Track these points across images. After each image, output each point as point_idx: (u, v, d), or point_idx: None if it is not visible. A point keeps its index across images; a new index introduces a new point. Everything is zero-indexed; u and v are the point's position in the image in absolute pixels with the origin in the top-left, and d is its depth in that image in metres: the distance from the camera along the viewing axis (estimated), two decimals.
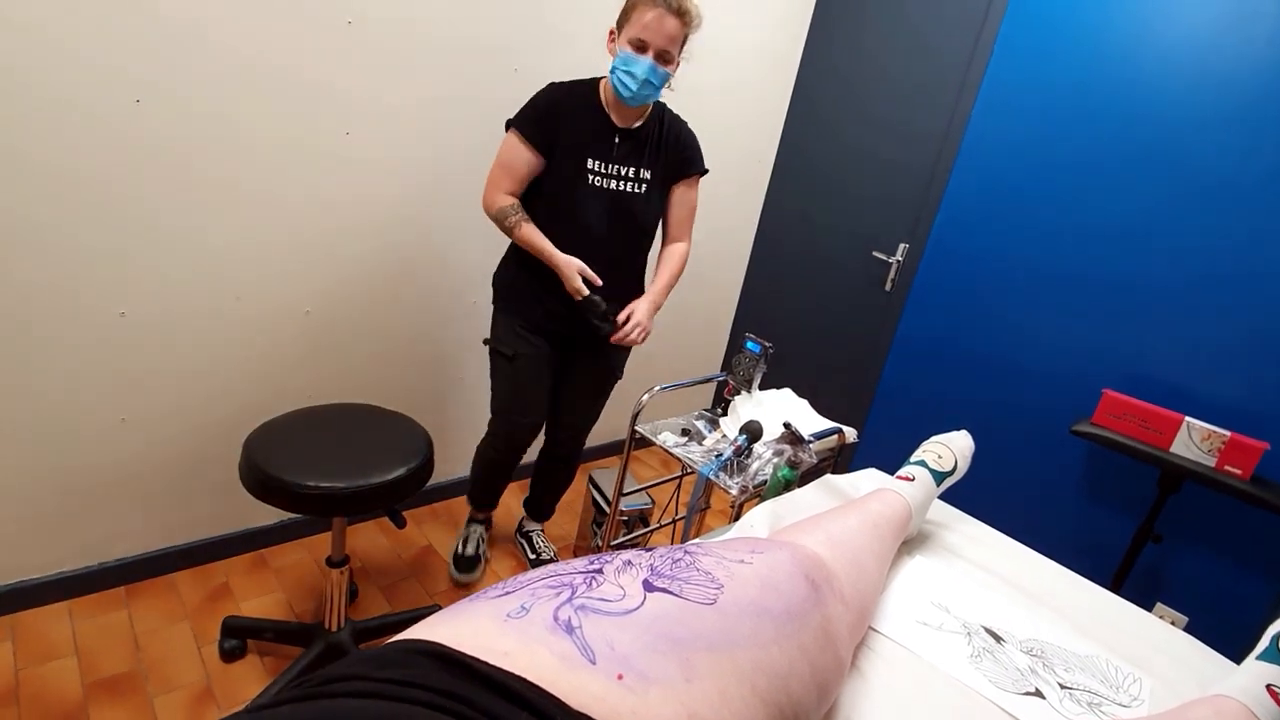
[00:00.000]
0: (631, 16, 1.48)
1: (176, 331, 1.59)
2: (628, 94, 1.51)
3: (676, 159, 1.69)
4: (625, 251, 1.71)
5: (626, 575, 0.59)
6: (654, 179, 1.66)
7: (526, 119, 1.56)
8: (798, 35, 2.68)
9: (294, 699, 0.44)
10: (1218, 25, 1.78)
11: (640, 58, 1.48)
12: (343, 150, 1.69)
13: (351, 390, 1.92)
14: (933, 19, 2.36)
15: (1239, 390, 1.79)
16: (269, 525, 1.92)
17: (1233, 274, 1.79)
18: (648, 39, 1.46)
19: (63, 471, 1.54)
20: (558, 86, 1.60)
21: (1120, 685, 0.93)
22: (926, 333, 2.40)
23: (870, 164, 2.56)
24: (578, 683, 0.46)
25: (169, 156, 1.46)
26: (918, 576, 1.08)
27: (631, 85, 1.50)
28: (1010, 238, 2.17)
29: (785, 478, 1.37)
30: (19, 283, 1.37)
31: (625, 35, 1.49)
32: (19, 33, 1.24)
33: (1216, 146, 1.80)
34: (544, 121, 1.56)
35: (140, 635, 1.58)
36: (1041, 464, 2.15)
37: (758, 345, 1.66)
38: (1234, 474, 1.65)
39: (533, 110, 1.57)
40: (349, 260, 1.81)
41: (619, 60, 1.51)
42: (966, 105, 2.25)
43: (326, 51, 1.59)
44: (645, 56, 1.48)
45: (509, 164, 1.59)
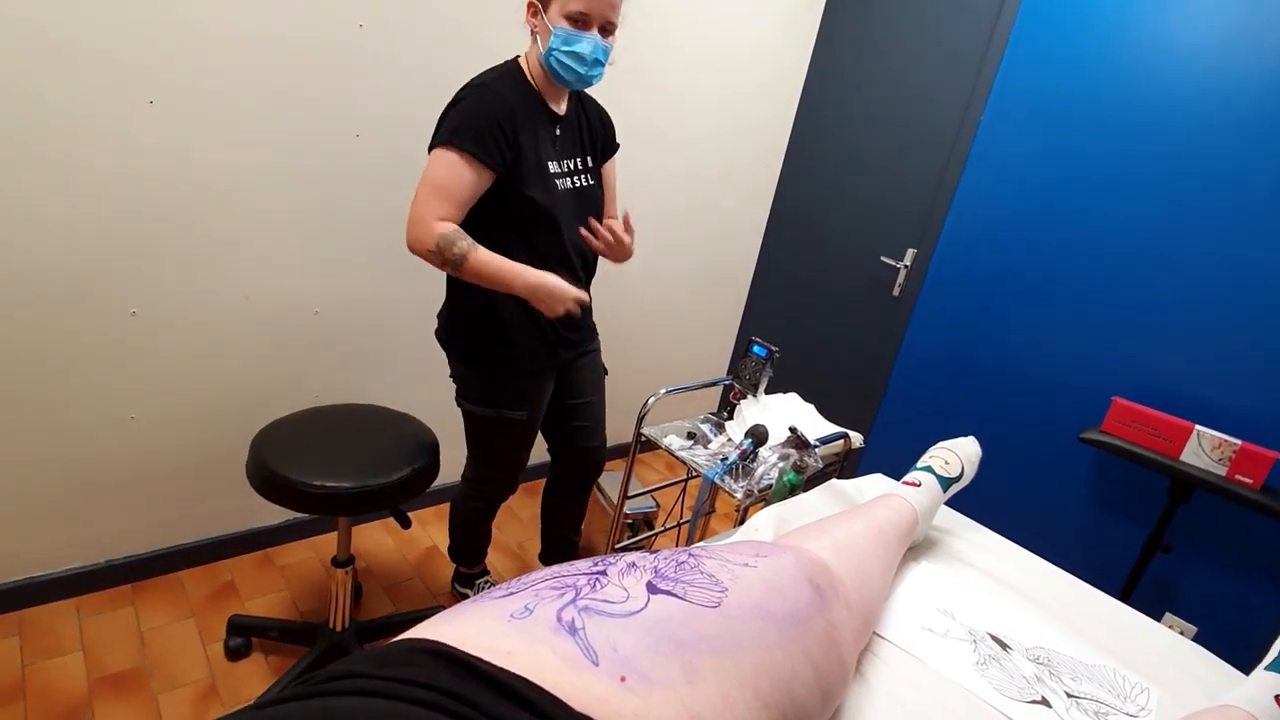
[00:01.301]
0: None
1: (186, 331, 1.60)
2: (572, 78, 1.32)
3: (605, 138, 1.54)
4: (593, 252, 1.54)
5: (630, 577, 0.59)
6: (595, 165, 1.51)
7: (475, 133, 1.27)
8: (806, 39, 2.68)
9: (297, 697, 0.44)
10: (1230, 33, 1.77)
11: (584, 34, 1.28)
12: (353, 152, 1.70)
13: (359, 391, 1.93)
14: (942, 24, 2.36)
15: (1250, 399, 1.78)
16: (275, 524, 1.93)
17: (1244, 282, 1.77)
18: (589, 10, 1.26)
19: (71, 469, 1.55)
20: (492, 86, 1.32)
21: (1128, 695, 0.92)
22: (934, 338, 2.39)
23: (878, 169, 2.56)
24: (580, 684, 0.46)
25: (181, 157, 1.47)
26: (923, 582, 1.08)
27: (578, 68, 1.30)
28: (1019, 244, 2.16)
29: (791, 482, 1.36)
30: (31, 281, 1.38)
31: (558, 8, 1.27)
32: (34, 34, 1.26)
33: (1229, 154, 1.79)
34: (500, 132, 1.29)
35: (146, 632, 1.59)
36: (1049, 471, 2.13)
37: (764, 349, 1.66)
38: (1245, 483, 1.63)
39: (483, 120, 1.28)
40: (358, 261, 1.82)
41: (558, 40, 1.28)
42: (976, 112, 2.24)
43: (337, 54, 1.60)
44: (590, 32, 1.28)
45: (448, 188, 1.28)
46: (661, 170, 2.36)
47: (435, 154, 1.30)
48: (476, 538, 1.80)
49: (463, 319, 1.46)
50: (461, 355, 1.49)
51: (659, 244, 2.50)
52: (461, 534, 1.78)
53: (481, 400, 1.50)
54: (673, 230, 2.53)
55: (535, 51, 1.36)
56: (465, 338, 1.47)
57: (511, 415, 1.51)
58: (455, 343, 1.49)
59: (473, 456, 1.66)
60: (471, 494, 1.71)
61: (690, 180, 2.50)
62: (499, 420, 1.52)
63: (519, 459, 1.63)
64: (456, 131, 1.28)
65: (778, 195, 2.89)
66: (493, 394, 1.50)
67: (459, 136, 1.27)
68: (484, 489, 1.69)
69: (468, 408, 1.53)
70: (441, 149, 1.29)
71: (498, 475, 1.66)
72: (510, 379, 1.50)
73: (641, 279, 2.49)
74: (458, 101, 1.33)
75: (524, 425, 1.55)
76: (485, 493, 1.70)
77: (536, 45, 1.35)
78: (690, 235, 2.63)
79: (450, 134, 1.28)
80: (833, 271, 2.73)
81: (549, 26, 1.30)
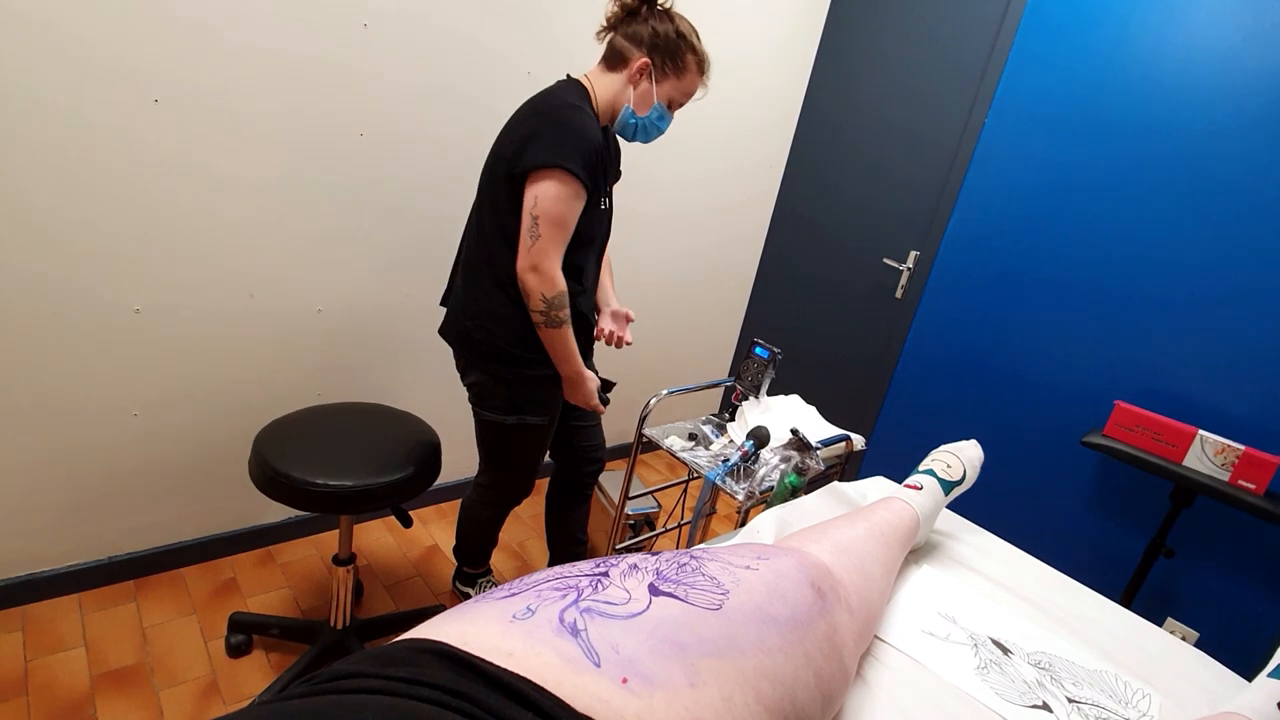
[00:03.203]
0: (684, 77, 1.43)
1: (190, 328, 1.61)
2: (641, 139, 1.49)
3: (618, 168, 1.62)
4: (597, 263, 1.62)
5: (632, 579, 0.59)
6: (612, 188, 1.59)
7: (587, 164, 1.29)
8: (810, 42, 2.68)
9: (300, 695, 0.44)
10: (1238, 36, 1.77)
11: (670, 114, 1.47)
12: (357, 151, 1.70)
13: (361, 389, 1.93)
14: (947, 28, 2.35)
15: (1254, 404, 1.77)
16: (277, 522, 1.93)
17: (1248, 286, 1.77)
18: (683, 101, 1.46)
19: (75, 466, 1.55)
20: (587, 111, 1.36)
21: (1129, 701, 0.92)
22: (936, 340, 2.39)
23: (881, 171, 2.56)
24: (582, 685, 0.46)
25: (186, 155, 1.48)
26: (925, 586, 1.08)
27: (651, 137, 1.49)
28: (1022, 247, 2.16)
29: (792, 484, 1.36)
30: (36, 278, 1.39)
31: (668, 90, 1.43)
32: (40, 31, 1.26)
33: (1235, 158, 1.78)
34: (599, 163, 1.34)
35: (148, 629, 1.59)
36: (1051, 475, 2.13)
37: (766, 351, 1.66)
38: (1248, 488, 1.63)
39: (591, 151, 1.30)
40: (361, 260, 1.82)
41: (655, 113, 1.44)
42: (980, 115, 2.24)
43: (342, 54, 1.60)
44: (672, 113, 1.48)
45: (567, 226, 1.31)
46: (665, 172, 2.37)
47: (553, 183, 1.28)
48: (485, 541, 1.80)
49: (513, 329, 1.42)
50: (500, 364, 1.45)
51: (662, 246, 2.50)
52: (470, 537, 1.78)
53: (504, 408, 1.49)
54: (676, 232, 2.53)
55: (617, 96, 1.42)
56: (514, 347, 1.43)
57: (533, 421, 1.51)
58: (495, 353, 1.44)
59: (489, 464, 1.64)
60: (487, 500, 1.70)
61: (694, 182, 2.50)
62: (520, 427, 1.51)
63: (535, 464, 1.63)
64: (573, 158, 1.28)
65: (781, 197, 2.89)
66: (515, 401, 1.49)
67: (574, 164, 1.28)
68: (501, 495, 1.69)
69: (489, 416, 1.51)
70: (560, 174, 1.28)
71: (515, 481, 1.66)
72: (533, 386, 1.49)
73: (644, 280, 2.50)
74: (559, 120, 1.31)
75: (543, 431, 1.55)
76: (501, 499, 1.70)
77: (627, 95, 1.42)
78: (693, 237, 2.63)
79: (567, 160, 1.28)
80: (835, 273, 2.73)
81: (654, 98, 1.42)
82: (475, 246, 1.45)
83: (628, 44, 1.40)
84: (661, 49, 1.40)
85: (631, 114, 1.43)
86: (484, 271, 1.43)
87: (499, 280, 1.40)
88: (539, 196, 1.29)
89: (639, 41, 1.40)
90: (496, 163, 1.38)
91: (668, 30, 1.39)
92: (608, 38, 1.45)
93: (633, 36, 1.40)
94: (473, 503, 1.73)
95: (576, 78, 1.44)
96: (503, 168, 1.34)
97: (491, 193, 1.40)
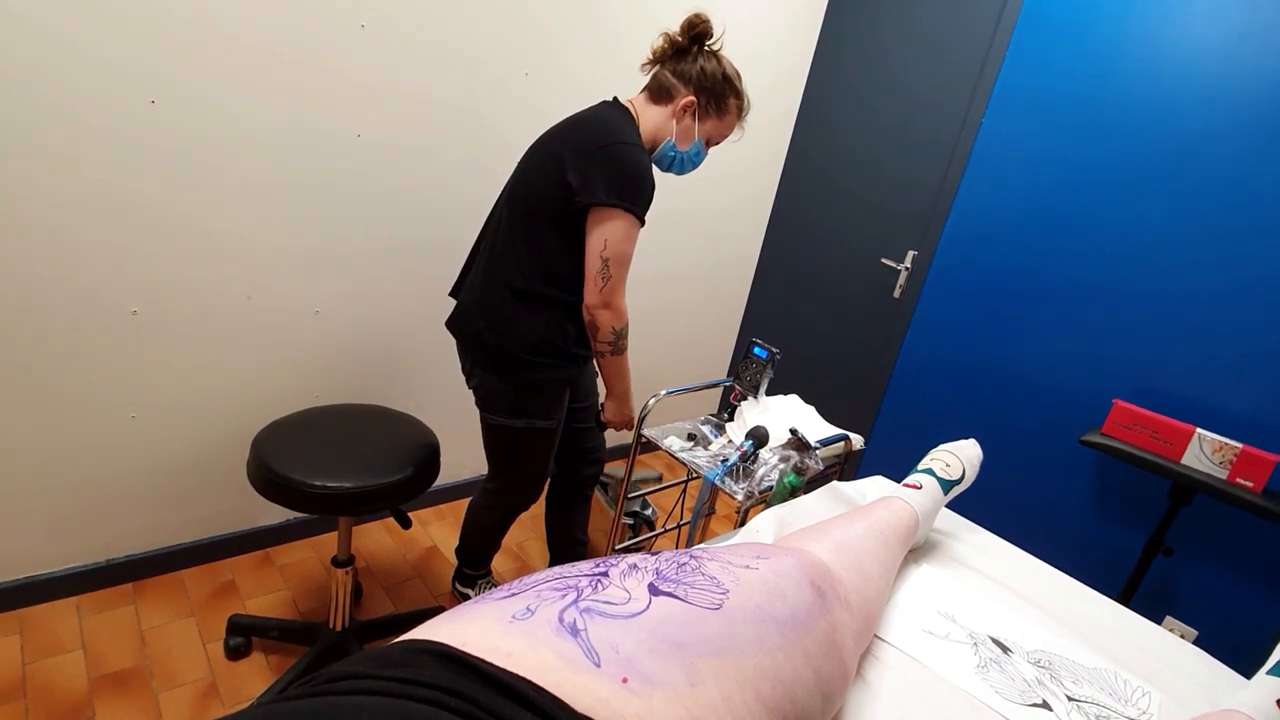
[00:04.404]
0: (725, 118, 1.49)
1: (187, 330, 1.60)
2: (676, 172, 1.55)
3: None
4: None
5: (632, 579, 0.59)
6: None
7: (646, 205, 1.37)
8: (808, 41, 2.68)
9: (299, 696, 0.44)
10: (1235, 35, 1.77)
11: (706, 151, 1.54)
12: (354, 152, 1.70)
13: (359, 391, 1.93)
14: (944, 27, 2.36)
15: (1252, 402, 1.78)
16: (275, 524, 1.93)
17: (1246, 285, 1.77)
18: (719, 140, 1.53)
19: (72, 468, 1.55)
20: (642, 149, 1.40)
21: (1129, 699, 0.92)
22: (935, 340, 2.39)
23: (879, 170, 2.56)
24: (582, 685, 0.46)
25: (182, 157, 1.47)
26: (924, 585, 1.08)
27: (688, 170, 1.55)
28: (1020, 246, 2.16)
29: (791, 484, 1.36)
30: (33, 280, 1.38)
31: (709, 128, 1.49)
32: (36, 34, 1.26)
33: (1232, 156, 1.79)
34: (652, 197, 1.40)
35: (146, 631, 1.59)
36: (1050, 474, 2.13)
37: (765, 351, 1.66)
38: (1246, 486, 1.63)
39: (650, 193, 1.38)
40: (358, 261, 1.82)
41: (694, 149, 1.50)
42: (977, 113, 2.24)
43: (339, 55, 1.60)
44: (707, 150, 1.54)
45: (629, 264, 1.38)
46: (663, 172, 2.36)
47: (620, 224, 1.34)
48: (489, 544, 1.80)
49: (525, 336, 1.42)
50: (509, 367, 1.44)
51: (660, 246, 2.50)
52: (474, 539, 1.78)
53: (511, 412, 1.49)
54: (674, 231, 2.53)
55: (660, 128, 1.47)
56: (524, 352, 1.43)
57: (540, 425, 1.52)
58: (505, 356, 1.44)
59: (499, 469, 1.64)
60: (495, 505, 1.71)
61: (691, 181, 2.50)
62: (528, 431, 1.51)
63: (543, 469, 1.63)
64: (638, 201, 1.36)
65: (778, 196, 2.89)
66: (523, 405, 1.49)
67: (640, 207, 1.36)
68: (509, 500, 1.69)
69: (498, 421, 1.51)
70: (628, 217, 1.34)
71: (523, 486, 1.66)
72: (540, 389, 1.50)
73: (643, 281, 2.49)
74: (626, 161, 1.34)
75: (551, 434, 1.56)
76: (510, 504, 1.70)
77: (670, 128, 1.47)
78: (691, 236, 2.63)
79: (635, 204, 1.35)
80: (833, 273, 2.73)
81: (695, 135, 1.48)
82: (501, 252, 1.44)
83: (676, 81, 1.45)
84: (708, 89, 1.45)
85: (673, 148, 1.48)
86: (506, 279, 1.42)
87: (519, 290, 1.41)
88: (608, 239, 1.34)
89: (687, 80, 1.45)
90: (545, 180, 1.37)
91: (715, 72, 1.45)
92: (653, 70, 1.50)
93: (682, 74, 1.45)
94: (480, 506, 1.73)
95: (624, 104, 1.47)
96: (557, 189, 1.34)
97: (530, 205, 1.40)
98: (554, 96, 2.01)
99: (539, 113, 2.00)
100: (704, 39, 1.46)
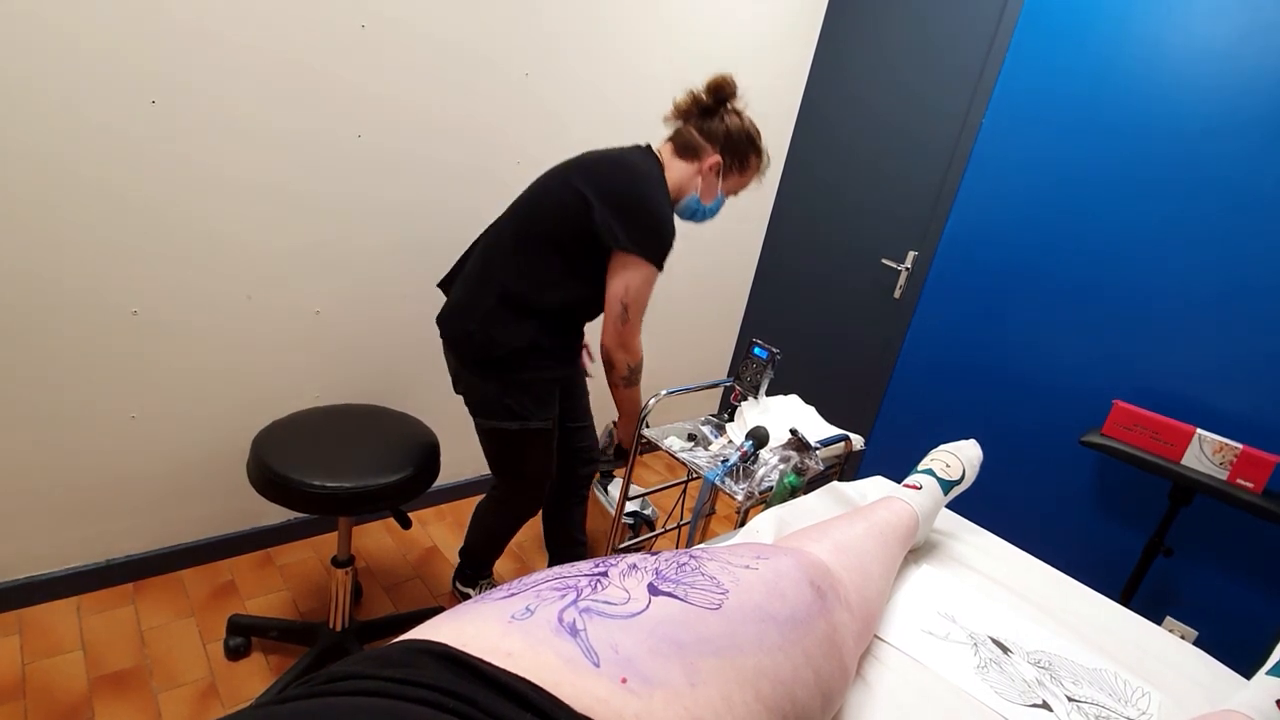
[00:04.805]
0: (745, 175, 1.55)
1: (187, 330, 1.60)
2: (697, 222, 1.60)
3: None
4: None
5: (631, 579, 0.59)
6: None
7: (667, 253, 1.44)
8: (807, 41, 2.68)
9: (297, 696, 0.44)
10: (1235, 35, 1.77)
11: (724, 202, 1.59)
12: (355, 153, 1.70)
13: (359, 391, 1.93)
14: (944, 27, 2.36)
15: (1252, 403, 1.78)
16: (275, 524, 1.93)
17: (1246, 285, 1.77)
18: (738, 193, 1.59)
19: (72, 468, 1.55)
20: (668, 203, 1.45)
21: (1129, 699, 0.92)
22: (935, 340, 2.39)
23: (879, 171, 2.56)
24: (582, 685, 0.46)
25: (183, 157, 1.47)
26: (924, 586, 1.08)
27: (707, 220, 1.60)
28: (1020, 247, 2.16)
29: (791, 484, 1.36)
30: (33, 280, 1.38)
31: (731, 184, 1.55)
32: (38, 34, 1.26)
33: (1232, 157, 1.79)
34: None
35: (146, 631, 1.59)
36: (1050, 474, 2.13)
37: (765, 351, 1.66)
38: (1246, 487, 1.63)
39: (671, 243, 1.44)
40: (358, 262, 1.82)
41: (716, 204, 1.57)
42: (977, 114, 2.24)
43: (339, 55, 1.60)
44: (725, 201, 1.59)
45: (646, 305, 1.47)
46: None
47: (642, 273, 1.41)
48: (494, 549, 1.81)
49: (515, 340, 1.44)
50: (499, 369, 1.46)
51: None
52: (480, 543, 1.79)
53: (506, 414, 1.49)
54: None
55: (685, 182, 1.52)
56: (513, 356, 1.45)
57: (537, 425, 1.52)
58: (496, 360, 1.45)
59: (505, 476, 1.65)
60: (501, 510, 1.72)
61: None
62: (526, 432, 1.52)
63: (546, 471, 1.64)
64: (661, 253, 1.42)
65: (779, 197, 2.89)
66: (517, 407, 1.50)
67: (662, 259, 1.43)
68: (515, 504, 1.70)
69: (494, 425, 1.51)
70: (650, 268, 1.41)
71: (529, 490, 1.67)
72: (532, 389, 1.50)
73: None
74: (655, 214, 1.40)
75: (548, 435, 1.57)
76: (516, 508, 1.71)
77: (695, 184, 1.52)
78: (691, 236, 2.62)
79: (659, 256, 1.42)
80: (834, 274, 2.73)
81: (718, 190, 1.54)
82: (500, 262, 1.46)
83: (702, 140, 1.50)
84: (732, 149, 1.51)
85: (697, 202, 1.54)
86: (501, 285, 1.43)
87: (512, 295, 1.42)
88: (629, 286, 1.41)
89: (714, 139, 1.49)
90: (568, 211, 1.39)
91: (740, 132, 1.50)
92: (677, 124, 1.54)
93: (708, 133, 1.50)
94: (488, 511, 1.75)
95: (655, 153, 1.51)
96: (581, 224, 1.38)
97: (545, 226, 1.42)
98: (554, 96, 2.01)
99: (539, 113, 2.00)
100: (729, 99, 1.51)
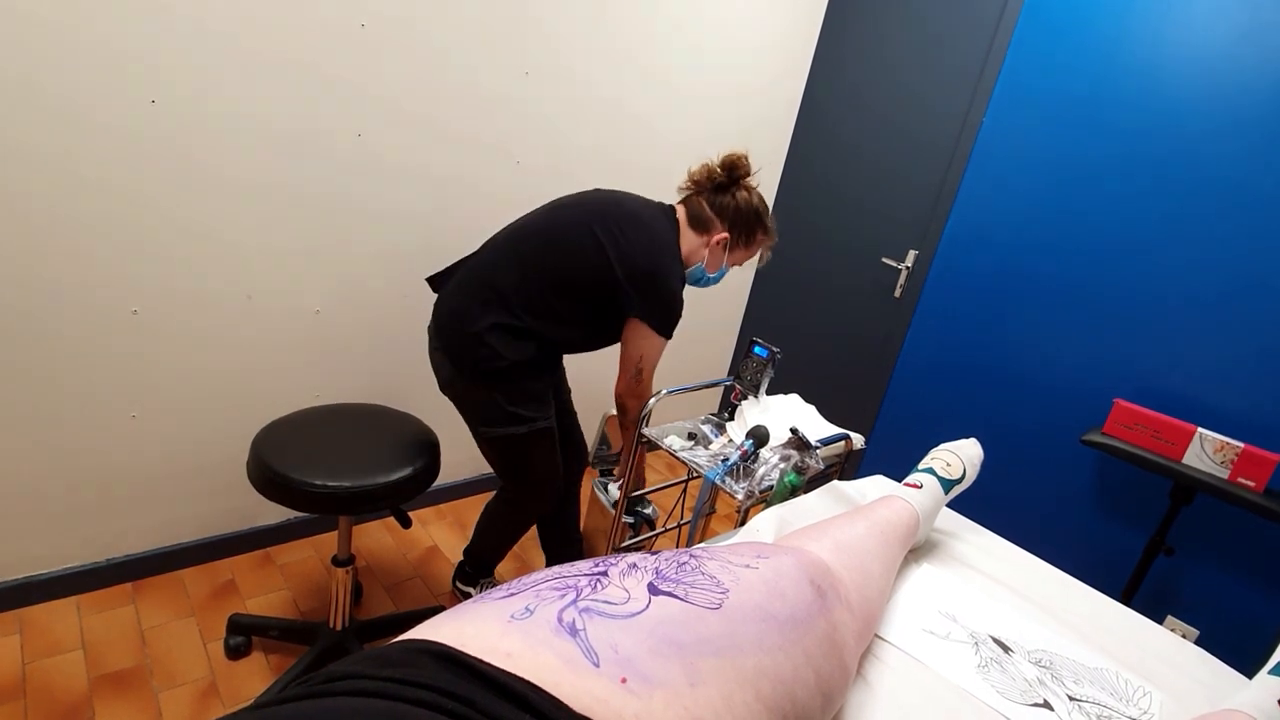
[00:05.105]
0: (750, 249, 1.61)
1: (188, 330, 1.60)
2: (700, 287, 1.66)
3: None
4: None
5: (631, 578, 0.58)
6: None
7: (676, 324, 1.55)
8: (808, 40, 2.68)
9: (296, 697, 0.43)
10: (1235, 35, 1.77)
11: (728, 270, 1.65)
12: (355, 152, 1.70)
13: (359, 390, 1.93)
14: (944, 26, 2.36)
15: (1253, 402, 1.77)
16: (275, 523, 1.93)
17: (1247, 284, 1.77)
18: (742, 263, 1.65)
19: (72, 467, 1.55)
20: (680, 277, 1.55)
21: (1130, 698, 0.91)
22: (935, 339, 2.39)
23: (880, 170, 2.56)
24: (581, 685, 0.46)
25: (183, 157, 1.47)
26: (925, 585, 1.08)
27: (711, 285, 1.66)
28: (1021, 246, 2.16)
29: (792, 483, 1.36)
30: (33, 280, 1.38)
31: (738, 256, 1.61)
32: (37, 33, 1.26)
33: (1233, 156, 1.78)
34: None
35: (146, 631, 1.59)
36: (1051, 473, 2.13)
37: (766, 350, 1.66)
38: (1247, 486, 1.63)
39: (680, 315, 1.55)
40: (359, 261, 1.82)
41: (721, 273, 1.63)
42: (978, 113, 2.24)
43: (339, 55, 1.60)
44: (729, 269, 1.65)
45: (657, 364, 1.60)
46: (663, 169, 2.36)
47: (656, 343, 1.54)
48: (499, 551, 1.82)
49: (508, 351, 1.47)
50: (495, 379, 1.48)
51: None
52: (486, 544, 1.80)
53: (512, 420, 1.52)
54: None
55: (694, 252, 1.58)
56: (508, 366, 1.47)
57: (544, 425, 1.56)
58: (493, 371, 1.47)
59: (513, 480, 1.66)
60: (512, 513, 1.73)
61: None
62: (534, 434, 1.55)
63: (555, 467, 1.65)
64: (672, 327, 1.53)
65: (779, 195, 2.89)
66: (520, 411, 1.52)
67: (672, 329, 1.54)
68: (529, 507, 1.71)
69: (501, 432, 1.53)
70: (662, 339, 1.54)
71: (538, 492, 1.68)
72: (528, 390, 1.53)
73: None
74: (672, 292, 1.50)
75: (552, 431, 1.60)
76: (529, 511, 1.72)
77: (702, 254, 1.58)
78: None
79: (671, 330, 1.53)
80: (834, 273, 2.73)
81: (724, 262, 1.60)
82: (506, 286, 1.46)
83: (713, 215, 1.56)
84: (740, 225, 1.57)
85: (703, 271, 1.60)
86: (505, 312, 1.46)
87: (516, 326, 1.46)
88: (644, 355, 1.56)
89: (724, 215, 1.56)
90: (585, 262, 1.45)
91: (749, 207, 1.56)
92: (687, 193, 1.60)
93: (719, 209, 1.56)
94: (498, 513, 1.75)
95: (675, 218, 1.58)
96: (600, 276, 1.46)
97: (556, 265, 1.47)
98: (554, 95, 2.01)
99: (540, 112, 2.00)
100: (743, 177, 1.56)
